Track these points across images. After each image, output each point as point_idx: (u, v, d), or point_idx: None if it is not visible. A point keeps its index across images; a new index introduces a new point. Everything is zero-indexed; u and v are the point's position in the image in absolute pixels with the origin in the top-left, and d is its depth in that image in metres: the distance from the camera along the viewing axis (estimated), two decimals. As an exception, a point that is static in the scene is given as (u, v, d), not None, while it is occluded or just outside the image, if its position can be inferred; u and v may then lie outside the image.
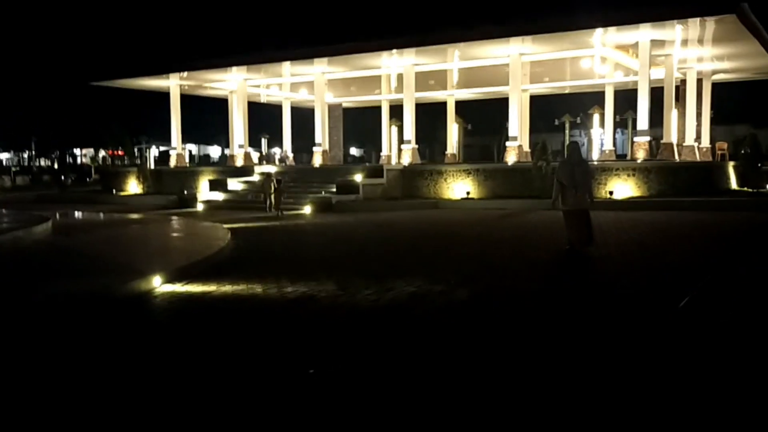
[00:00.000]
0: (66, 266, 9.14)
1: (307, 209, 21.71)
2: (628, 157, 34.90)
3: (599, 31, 21.74)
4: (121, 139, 39.49)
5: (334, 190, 23.53)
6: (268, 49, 28.33)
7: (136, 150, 57.35)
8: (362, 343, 5.79)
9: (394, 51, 25.40)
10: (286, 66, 29.39)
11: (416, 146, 27.47)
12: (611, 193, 20.39)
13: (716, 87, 31.47)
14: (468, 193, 22.89)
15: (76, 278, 8.17)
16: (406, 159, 26.93)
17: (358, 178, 24.33)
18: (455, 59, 27.01)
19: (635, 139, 22.77)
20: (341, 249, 12.20)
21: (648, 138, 22.50)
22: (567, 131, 45.96)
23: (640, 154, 22.27)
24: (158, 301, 7.58)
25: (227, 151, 69.99)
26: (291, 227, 16.55)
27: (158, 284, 8.28)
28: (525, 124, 30.10)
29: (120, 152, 66.57)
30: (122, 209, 22.92)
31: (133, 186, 30.61)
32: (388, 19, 24.70)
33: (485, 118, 50.28)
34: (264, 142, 48.68)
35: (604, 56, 26.03)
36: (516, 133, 24.95)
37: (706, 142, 31.05)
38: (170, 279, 8.55)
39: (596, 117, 36.53)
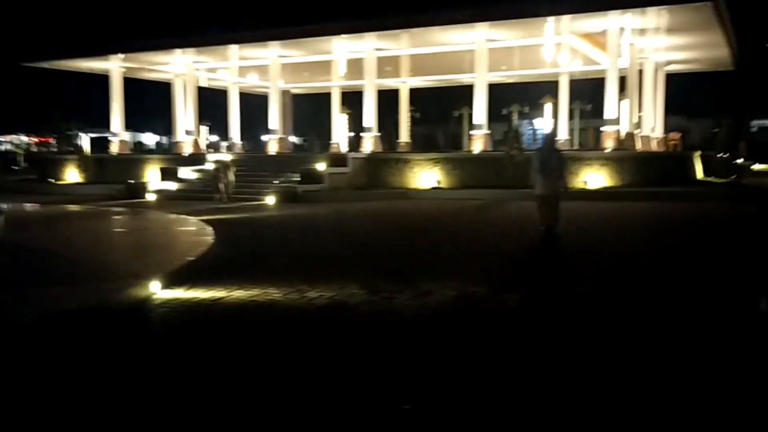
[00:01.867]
0: (42, 270, 7.89)
1: (270, 199, 20.55)
2: (575, 147, 35.22)
3: (569, 17, 21.39)
4: (54, 125, 37.07)
5: (298, 179, 22.44)
6: (219, 30, 26.76)
7: (67, 136, 54.27)
8: (440, 363, 4.94)
9: (357, 35, 24.46)
10: (239, 49, 27.90)
11: (378, 134, 26.60)
12: (585, 182, 20.13)
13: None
14: (438, 182, 22.24)
15: (61, 285, 6.97)
16: (368, 147, 26.03)
17: (321, 166, 23.31)
18: (418, 45, 26.25)
19: (603, 128, 22.61)
20: (338, 244, 11.24)
21: (617, 127, 22.36)
22: (515, 121, 46.03)
23: (609, 144, 22.12)
24: (165, 311, 6.51)
25: (165, 139, 67.30)
26: (266, 219, 15.44)
27: (157, 289, 7.18)
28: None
29: (49, 138, 62.81)
30: (67, 200, 21.12)
31: (72, 174, 28.54)
32: (353, 2, 23.66)
33: (428, 106, 49.83)
34: (205, 129, 46.67)
35: (568, 44, 25.79)
36: (482, 121, 24.42)
37: (659, 132, 31.46)
38: (169, 283, 7.45)
39: (547, 107, 36.58)
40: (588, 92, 39.50)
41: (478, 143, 24.16)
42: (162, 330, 6.00)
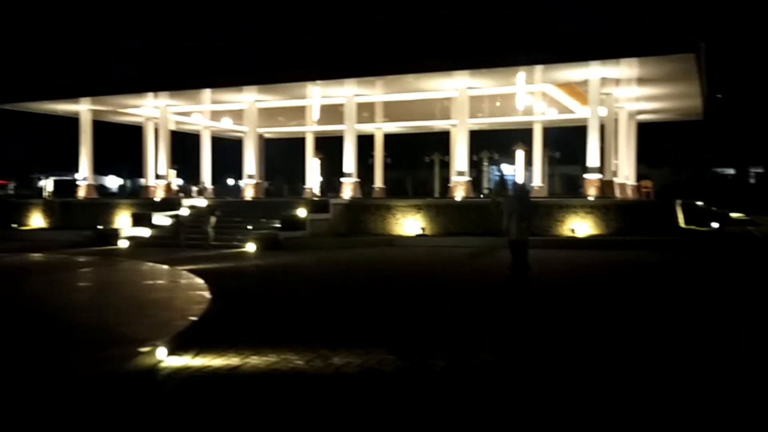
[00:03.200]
0: (29, 332, 7.10)
1: (250, 246, 19.84)
2: (544, 195, 35.26)
3: (551, 66, 21.53)
4: (14, 168, 35.84)
5: (278, 225, 21.80)
6: (195, 75, 26.27)
7: (28, 179, 52.63)
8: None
9: (337, 80, 24.23)
10: (214, 93, 27.39)
11: (358, 180, 26.19)
12: (573, 230, 19.95)
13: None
14: (423, 229, 21.83)
15: (54, 354, 6.21)
16: (348, 193, 25.58)
17: (302, 212, 22.73)
18: (399, 91, 26.15)
19: (586, 176, 22.60)
20: (344, 298, 10.51)
21: (599, 176, 22.38)
22: (486, 167, 46.30)
23: (592, 191, 22.09)
24: (176, 383, 5.80)
25: (129, 183, 65.71)
26: (256, 269, 14.71)
27: (163, 356, 6.48)
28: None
29: (4, 181, 60.83)
30: (33, 247, 20.05)
31: (36, 219, 27.34)
32: (337, 48, 23.48)
33: (396, 152, 49.93)
34: (173, 173, 45.77)
35: (545, 93, 26.00)
36: (464, 168, 24.24)
37: (632, 180, 31.82)
38: (174, 348, 6.75)
39: (519, 153, 36.78)
40: (555, 140, 40.02)
41: (460, 190, 23.92)
42: (176, 409, 5.29)
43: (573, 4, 20.12)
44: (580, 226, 20.17)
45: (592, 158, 22.35)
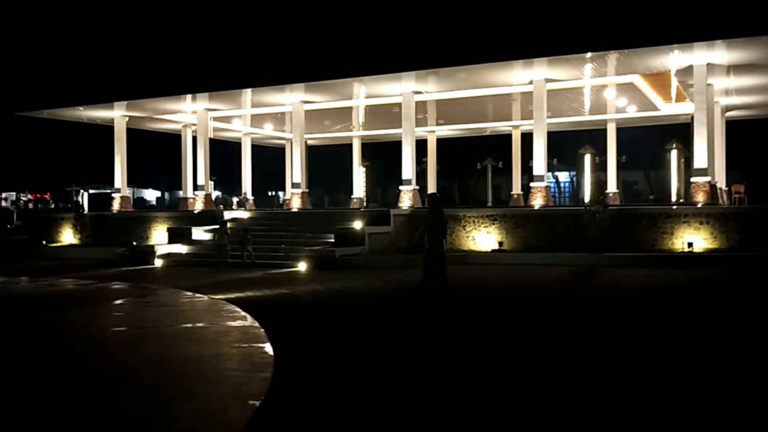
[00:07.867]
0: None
1: (301, 265, 17.12)
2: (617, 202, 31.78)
3: (648, 50, 18.36)
4: (52, 181, 34.04)
5: (332, 240, 19.01)
6: (236, 73, 23.73)
7: (64, 192, 51.15)
8: None
9: (395, 74, 21.43)
10: (257, 94, 24.81)
11: (417, 187, 23.29)
12: (690, 245, 16.63)
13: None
14: (500, 243, 18.79)
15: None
16: (406, 202, 22.71)
17: (357, 225, 19.94)
18: (461, 88, 23.23)
19: (693, 179, 19.29)
20: (457, 350, 7.61)
21: (708, 178, 19.05)
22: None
23: (700, 197, 18.80)
24: None
25: (167, 195, 64.13)
26: (316, 298, 11.77)
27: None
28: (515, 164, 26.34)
29: (46, 195, 59.73)
30: (62, 267, 17.77)
31: (68, 235, 25.12)
32: (394, 37, 20.65)
33: (443, 158, 46.94)
34: (210, 184, 43.62)
35: (633, 84, 22.75)
36: (542, 172, 21.15)
37: (722, 183, 28.25)
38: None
39: (587, 157, 33.32)
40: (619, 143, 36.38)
41: (538, 198, 20.84)
42: None
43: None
44: (695, 239, 16.86)
45: (700, 158, 19.03)
